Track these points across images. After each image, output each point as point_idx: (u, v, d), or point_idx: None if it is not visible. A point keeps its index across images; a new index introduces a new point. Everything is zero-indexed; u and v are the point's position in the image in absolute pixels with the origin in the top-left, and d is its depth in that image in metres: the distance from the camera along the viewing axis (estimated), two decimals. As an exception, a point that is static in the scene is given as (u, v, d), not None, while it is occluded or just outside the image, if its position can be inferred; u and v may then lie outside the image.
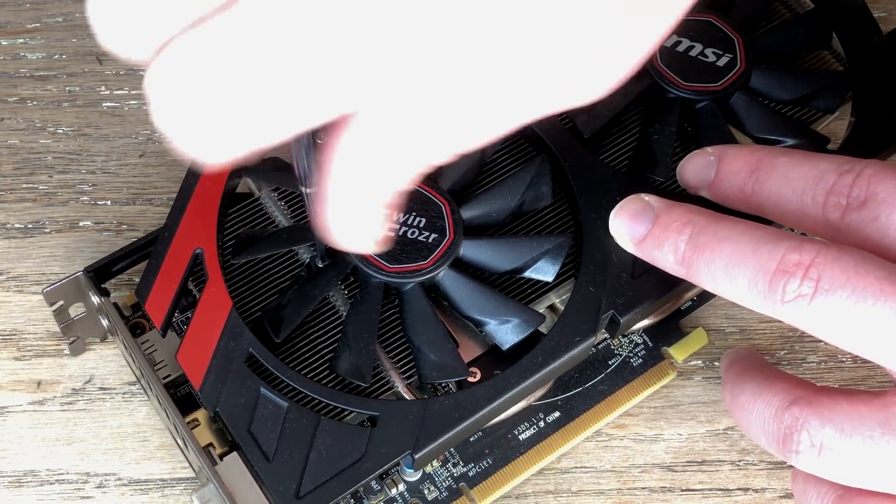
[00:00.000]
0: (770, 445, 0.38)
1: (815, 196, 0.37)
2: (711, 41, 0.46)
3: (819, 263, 0.34)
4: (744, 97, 0.46)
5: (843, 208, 0.36)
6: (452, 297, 0.42)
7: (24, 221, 0.50)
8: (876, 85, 0.47)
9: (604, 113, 0.46)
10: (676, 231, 0.38)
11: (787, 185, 0.37)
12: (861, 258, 0.34)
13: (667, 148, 0.45)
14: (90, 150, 0.52)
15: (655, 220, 0.39)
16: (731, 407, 0.40)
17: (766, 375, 0.38)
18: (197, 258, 0.42)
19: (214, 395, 0.39)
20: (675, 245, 0.38)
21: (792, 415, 0.36)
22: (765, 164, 0.38)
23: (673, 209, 0.39)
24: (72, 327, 0.46)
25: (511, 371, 0.40)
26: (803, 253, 0.35)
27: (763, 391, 0.38)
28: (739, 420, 0.39)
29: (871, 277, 0.34)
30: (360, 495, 0.43)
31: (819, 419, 0.36)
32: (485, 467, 0.44)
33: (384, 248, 0.38)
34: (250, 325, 0.41)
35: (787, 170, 0.38)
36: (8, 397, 0.46)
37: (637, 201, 0.40)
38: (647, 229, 0.39)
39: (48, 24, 0.56)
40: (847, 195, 0.36)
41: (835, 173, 0.37)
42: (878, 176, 0.36)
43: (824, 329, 0.35)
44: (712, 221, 0.38)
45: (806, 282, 0.34)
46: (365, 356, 0.40)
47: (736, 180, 0.39)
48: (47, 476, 0.45)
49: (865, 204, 0.36)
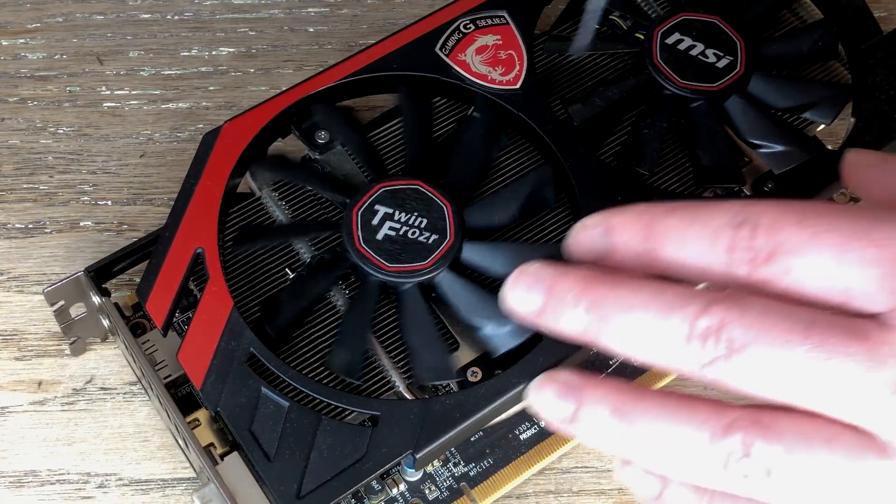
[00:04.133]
0: (707, 476, 0.35)
1: (718, 256, 0.35)
2: (713, 42, 0.47)
3: (728, 323, 0.33)
4: (739, 100, 0.46)
5: (749, 263, 0.34)
6: (449, 299, 0.42)
7: (25, 221, 0.50)
8: (876, 85, 0.47)
9: (596, 102, 0.46)
10: (573, 303, 0.36)
11: (684, 249, 0.35)
12: (766, 310, 0.34)
13: (655, 143, 0.45)
14: (91, 150, 0.52)
15: (549, 291, 0.36)
16: (631, 450, 0.36)
17: (680, 405, 0.35)
18: (198, 258, 0.42)
19: (215, 394, 0.39)
20: (574, 317, 0.36)
21: (734, 440, 0.34)
22: (654, 229, 0.36)
23: (567, 277, 0.36)
24: (72, 327, 0.46)
25: (512, 371, 0.40)
26: (712, 315, 0.34)
27: (685, 421, 0.35)
28: (649, 457, 0.36)
29: (776, 329, 0.33)
30: (360, 495, 0.43)
31: (764, 440, 0.34)
32: (486, 467, 0.44)
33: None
34: (251, 324, 0.41)
35: (680, 232, 0.35)
36: (9, 397, 0.46)
37: (525, 275, 0.37)
38: (542, 302, 0.36)
39: (49, 25, 0.56)
40: (750, 248, 0.34)
41: (729, 228, 0.35)
42: (776, 226, 0.34)
43: (745, 385, 0.34)
44: (612, 287, 0.35)
45: (720, 344, 0.33)
46: (358, 354, 0.40)
47: (630, 251, 0.36)
48: (48, 476, 0.45)
49: (772, 257, 0.34)
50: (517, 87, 0.46)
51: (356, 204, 0.42)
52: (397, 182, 0.42)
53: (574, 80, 0.49)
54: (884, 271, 0.33)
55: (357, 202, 0.42)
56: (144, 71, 0.55)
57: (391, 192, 0.42)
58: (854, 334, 0.33)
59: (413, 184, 0.42)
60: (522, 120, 0.45)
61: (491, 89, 0.46)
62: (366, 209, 0.42)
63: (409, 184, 0.42)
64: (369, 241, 0.41)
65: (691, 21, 0.47)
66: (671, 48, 0.46)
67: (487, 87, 0.46)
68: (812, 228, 0.34)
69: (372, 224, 0.41)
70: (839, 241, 0.33)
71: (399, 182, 0.42)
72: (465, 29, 0.47)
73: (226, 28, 0.56)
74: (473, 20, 0.47)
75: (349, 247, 0.41)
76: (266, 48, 0.56)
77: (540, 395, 0.37)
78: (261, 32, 0.56)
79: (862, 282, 0.33)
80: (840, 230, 0.34)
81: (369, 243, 0.41)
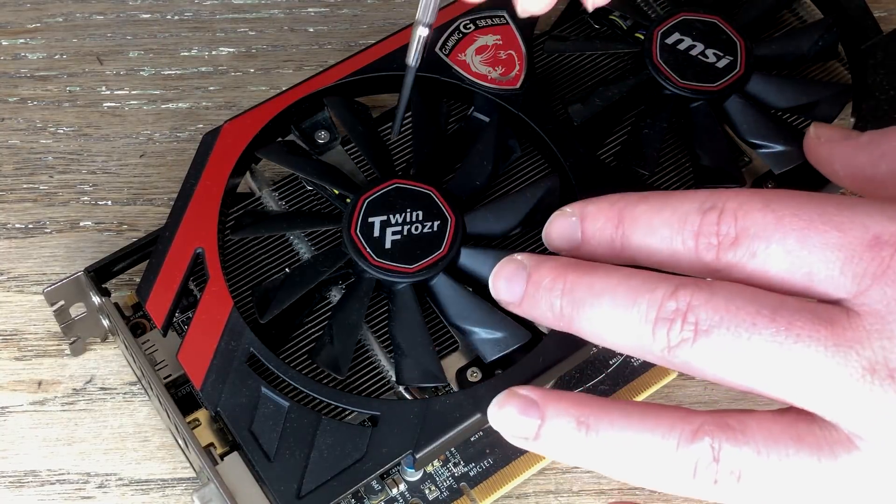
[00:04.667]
0: (676, 483, 0.35)
1: (685, 241, 0.35)
2: (713, 42, 0.47)
3: (694, 307, 0.34)
4: (739, 100, 0.46)
5: (715, 248, 0.35)
6: (442, 303, 0.42)
7: (25, 221, 0.50)
8: (876, 85, 0.47)
9: (596, 102, 0.46)
10: (548, 288, 0.37)
11: (653, 234, 0.36)
12: (733, 293, 0.34)
13: (655, 143, 0.45)
14: (91, 150, 0.52)
15: (528, 278, 0.38)
16: (598, 462, 0.36)
17: (645, 413, 0.36)
18: (198, 258, 0.42)
19: (215, 394, 0.39)
20: (549, 303, 0.37)
21: (702, 445, 0.34)
22: (626, 216, 0.37)
23: (543, 265, 0.37)
24: (72, 327, 0.46)
25: (512, 371, 0.40)
26: (679, 298, 0.34)
27: (651, 429, 0.35)
28: (617, 468, 0.36)
29: (742, 312, 0.33)
30: (360, 495, 0.43)
31: (733, 443, 0.34)
32: (486, 467, 0.44)
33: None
34: (251, 324, 0.41)
35: (649, 218, 0.36)
36: (9, 397, 0.46)
37: (509, 263, 0.38)
38: (522, 290, 0.38)
39: (49, 24, 0.56)
40: (716, 234, 0.35)
41: (697, 213, 0.35)
42: (742, 209, 0.35)
43: (711, 369, 0.34)
44: (584, 274, 0.36)
45: (686, 326, 0.34)
46: (343, 349, 0.40)
47: (602, 238, 0.37)
48: (48, 476, 0.45)
49: (738, 241, 0.35)
50: (517, 87, 0.46)
51: (350, 226, 0.42)
52: (376, 189, 0.42)
53: (574, 81, 0.49)
54: (846, 255, 0.33)
55: (350, 223, 0.42)
56: (144, 71, 0.55)
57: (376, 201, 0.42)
58: (820, 319, 0.33)
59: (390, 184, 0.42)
60: (522, 120, 0.45)
61: (491, 89, 0.46)
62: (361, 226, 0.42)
63: (386, 186, 0.42)
64: (381, 252, 0.41)
65: (691, 21, 0.47)
66: (671, 48, 0.46)
67: (487, 87, 0.46)
68: (776, 213, 0.34)
69: (375, 237, 0.41)
70: (802, 226, 0.34)
71: (377, 188, 0.42)
72: (465, 29, 0.47)
73: (226, 28, 0.56)
74: (473, 20, 0.47)
75: (365, 266, 0.41)
76: (266, 48, 0.56)
77: (502, 413, 0.37)
78: (261, 32, 0.56)
79: (825, 266, 0.33)
80: (804, 215, 0.34)
81: (382, 255, 0.41)
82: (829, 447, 0.33)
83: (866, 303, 0.33)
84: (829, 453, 0.33)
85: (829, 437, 0.33)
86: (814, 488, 0.34)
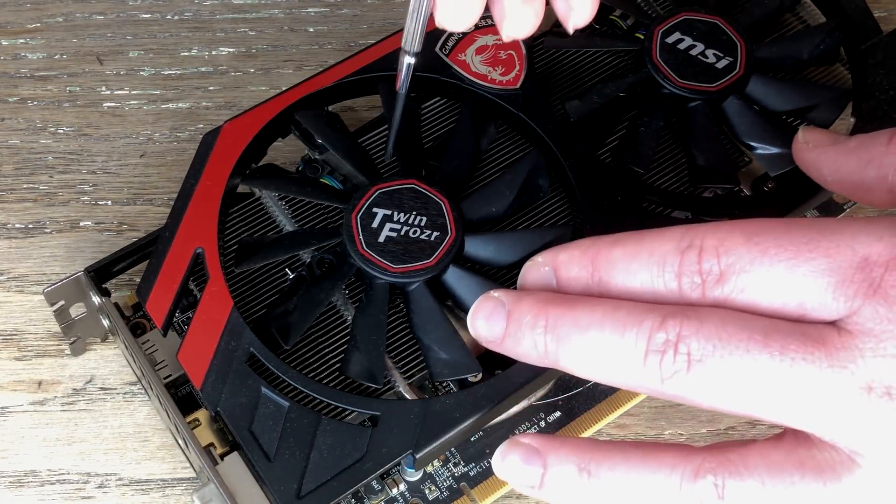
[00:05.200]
0: None
1: (667, 283, 0.35)
2: (714, 43, 0.46)
3: (685, 336, 0.33)
4: (737, 102, 0.46)
5: (700, 286, 0.34)
6: (457, 294, 0.41)
7: (25, 221, 0.50)
8: (876, 85, 0.47)
9: (593, 99, 0.46)
10: (530, 325, 0.36)
11: (633, 279, 0.35)
12: (724, 320, 0.33)
13: (651, 141, 0.45)
14: (91, 150, 0.52)
15: (508, 316, 0.36)
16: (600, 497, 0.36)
17: (646, 455, 0.35)
18: (198, 258, 0.42)
19: (215, 394, 0.39)
20: (532, 340, 0.36)
21: (705, 483, 0.34)
22: (601, 263, 0.36)
23: (522, 301, 0.36)
24: (72, 327, 0.46)
25: (512, 370, 0.40)
26: (668, 329, 0.33)
27: (653, 470, 0.35)
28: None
29: (735, 339, 0.33)
30: (360, 495, 0.43)
31: (737, 478, 0.34)
32: (486, 467, 0.44)
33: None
34: (251, 324, 0.41)
35: (626, 264, 0.35)
36: (9, 397, 0.46)
37: (487, 300, 0.37)
38: (503, 328, 0.36)
39: (49, 24, 0.56)
40: (699, 272, 0.34)
41: (676, 254, 0.35)
42: (723, 245, 0.34)
43: (707, 397, 0.34)
44: (568, 309, 0.35)
45: (678, 356, 0.33)
46: (376, 358, 0.40)
47: (577, 287, 0.36)
48: (48, 476, 0.45)
49: (723, 278, 0.34)
50: (517, 87, 0.46)
51: (354, 208, 0.42)
52: (392, 183, 0.42)
53: (574, 80, 0.49)
54: (837, 280, 0.33)
55: (355, 207, 0.42)
56: (144, 71, 0.55)
57: (387, 194, 0.42)
58: (813, 340, 0.33)
59: (407, 183, 0.42)
60: (522, 120, 0.45)
61: (491, 89, 0.46)
62: (364, 212, 0.42)
63: (403, 184, 0.42)
64: (372, 244, 0.41)
65: (692, 21, 0.47)
66: (671, 47, 0.46)
67: (487, 87, 0.46)
68: (761, 245, 0.34)
69: (372, 227, 0.41)
70: (789, 256, 0.33)
71: (394, 183, 0.42)
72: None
73: (226, 28, 0.56)
74: (473, 20, 0.47)
75: (352, 252, 0.41)
76: (266, 48, 0.56)
77: (506, 462, 0.37)
78: (261, 32, 0.56)
79: (816, 294, 0.33)
80: (789, 244, 0.33)
81: (372, 247, 0.41)
82: (831, 470, 0.33)
83: (858, 321, 0.32)
84: (832, 476, 0.33)
85: (831, 459, 0.33)
86: None
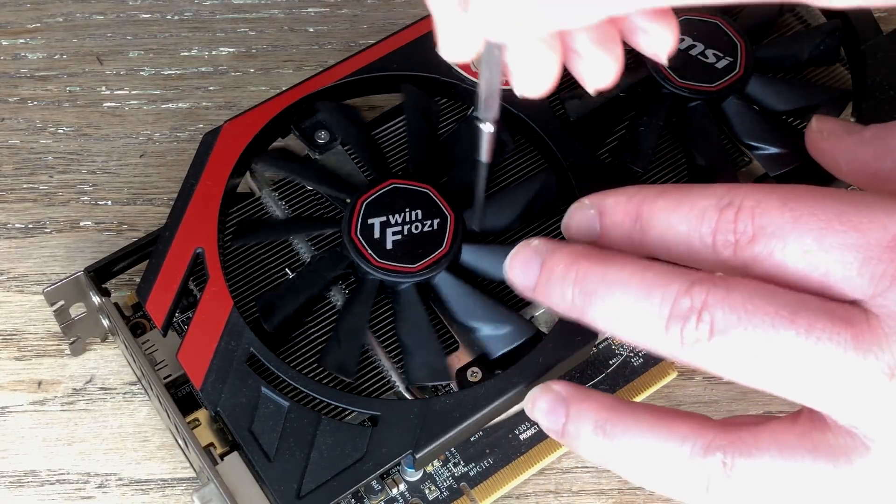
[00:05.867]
0: (691, 496, 0.35)
1: (703, 238, 0.35)
2: (714, 43, 0.46)
3: (710, 305, 0.33)
4: (737, 102, 0.46)
5: (733, 245, 0.34)
6: (446, 300, 0.42)
7: (25, 221, 0.50)
8: (876, 85, 0.47)
9: (593, 98, 0.46)
10: (561, 276, 0.36)
11: (671, 231, 0.36)
12: (751, 292, 0.33)
13: (650, 140, 0.45)
14: (91, 150, 0.52)
15: (542, 265, 0.37)
16: (617, 465, 0.37)
17: (658, 421, 0.36)
18: (198, 258, 0.42)
19: (215, 394, 0.39)
20: (561, 291, 0.36)
21: (714, 460, 0.34)
22: (644, 211, 0.36)
23: (557, 252, 0.37)
24: (72, 327, 0.46)
25: (512, 371, 0.40)
26: (694, 296, 0.34)
27: (664, 439, 0.35)
28: (634, 474, 0.36)
29: (761, 312, 0.33)
30: (360, 495, 0.43)
31: (747, 457, 0.34)
32: (486, 467, 0.44)
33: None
34: (251, 324, 0.41)
35: (668, 215, 0.36)
36: (9, 397, 0.46)
37: (525, 248, 0.38)
38: (537, 276, 0.37)
39: (49, 24, 0.56)
40: (734, 231, 0.34)
41: (715, 210, 0.35)
42: (760, 207, 0.34)
43: (727, 368, 0.34)
44: (598, 264, 0.36)
45: (701, 325, 0.33)
46: (351, 352, 0.40)
47: (620, 232, 0.37)
48: (48, 476, 0.45)
49: (755, 239, 0.34)
50: (517, 87, 0.46)
51: (350, 229, 0.42)
52: (374, 191, 0.42)
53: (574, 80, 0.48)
54: (864, 256, 0.33)
55: (350, 227, 0.42)
56: (144, 71, 0.55)
57: (374, 202, 0.42)
58: (841, 320, 0.32)
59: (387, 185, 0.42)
60: (522, 120, 0.45)
61: (491, 89, 0.45)
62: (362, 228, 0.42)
63: (383, 187, 0.42)
64: (383, 254, 0.41)
65: (693, 21, 0.47)
66: (671, 47, 0.46)
67: (487, 87, 0.45)
68: (795, 212, 0.34)
69: (375, 238, 0.41)
70: (821, 225, 0.33)
71: (375, 190, 0.42)
72: (465, 29, 0.47)
73: (226, 28, 0.56)
74: (473, 20, 0.47)
75: (369, 269, 0.41)
76: (266, 48, 0.56)
77: (535, 405, 0.38)
78: (261, 32, 0.56)
79: (842, 267, 0.33)
80: (822, 213, 0.33)
81: (384, 257, 0.41)
82: (844, 456, 0.33)
83: (885, 304, 0.32)
84: (845, 461, 0.33)
85: (845, 444, 0.33)
86: (830, 495, 0.33)
